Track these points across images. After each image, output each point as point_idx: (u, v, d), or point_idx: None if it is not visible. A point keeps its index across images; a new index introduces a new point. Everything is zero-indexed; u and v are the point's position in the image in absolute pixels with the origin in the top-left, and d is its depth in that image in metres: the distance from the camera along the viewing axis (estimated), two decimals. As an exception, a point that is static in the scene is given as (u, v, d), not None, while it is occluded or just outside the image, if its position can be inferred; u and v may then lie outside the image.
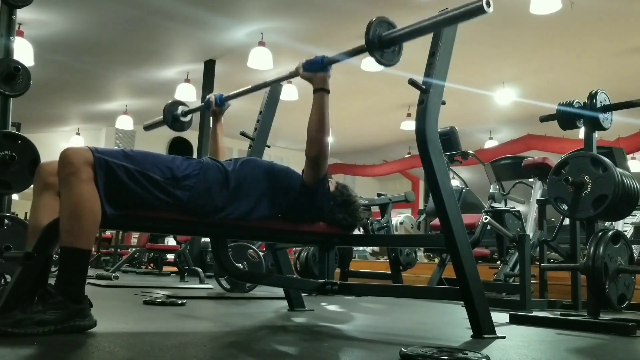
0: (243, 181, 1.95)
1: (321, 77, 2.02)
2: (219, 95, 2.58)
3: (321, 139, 2.01)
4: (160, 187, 1.74)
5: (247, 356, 1.43)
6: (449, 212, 1.85)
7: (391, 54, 1.87)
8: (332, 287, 2.36)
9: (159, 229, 2.47)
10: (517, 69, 7.82)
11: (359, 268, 5.47)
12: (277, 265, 2.67)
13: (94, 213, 1.59)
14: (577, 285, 3.14)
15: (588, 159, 2.41)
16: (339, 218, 2.21)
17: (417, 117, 1.89)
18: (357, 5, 6.02)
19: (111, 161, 1.65)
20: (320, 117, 2.00)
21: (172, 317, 2.22)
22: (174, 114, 2.85)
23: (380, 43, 1.81)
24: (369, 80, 7.83)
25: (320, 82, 2.02)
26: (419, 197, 11.61)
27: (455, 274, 1.86)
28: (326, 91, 2.02)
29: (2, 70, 2.87)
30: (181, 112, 2.86)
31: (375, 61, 1.84)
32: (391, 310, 3.24)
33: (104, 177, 1.62)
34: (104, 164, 1.63)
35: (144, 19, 6.42)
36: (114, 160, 1.66)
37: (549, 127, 5.18)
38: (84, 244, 1.58)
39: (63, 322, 1.51)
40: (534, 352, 1.68)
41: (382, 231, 4.49)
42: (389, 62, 1.86)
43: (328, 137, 2.03)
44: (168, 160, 1.82)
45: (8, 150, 2.77)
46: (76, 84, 8.79)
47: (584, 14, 6.05)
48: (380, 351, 1.62)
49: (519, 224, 3.87)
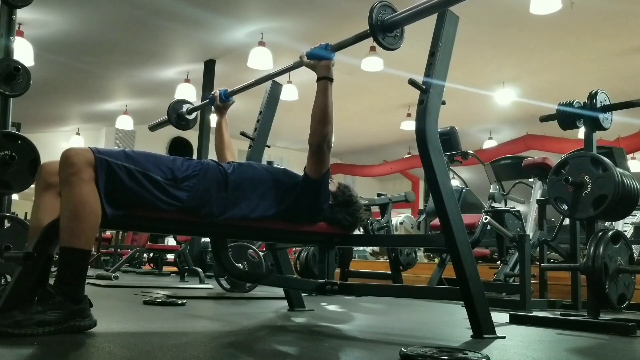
0: (242, 182, 1.96)
1: (325, 65, 2.01)
2: (223, 91, 2.59)
3: (324, 127, 1.99)
4: (160, 187, 1.74)
5: (247, 356, 1.43)
6: (449, 212, 1.85)
7: (393, 38, 1.91)
8: (332, 287, 2.36)
9: (159, 229, 2.48)
10: (517, 69, 7.82)
11: (359, 268, 5.47)
12: (277, 265, 2.67)
13: (94, 214, 1.59)
14: (577, 286, 3.14)
15: (588, 159, 2.41)
16: (339, 218, 2.21)
17: (417, 117, 1.89)
18: (357, 5, 6.00)
19: (112, 162, 1.65)
20: (324, 106, 1.98)
21: (172, 317, 2.22)
22: (178, 113, 2.86)
23: (383, 26, 1.85)
24: (369, 80, 7.83)
25: (324, 70, 2.01)
26: (419, 197, 11.62)
27: (455, 274, 1.86)
28: (330, 79, 2.00)
29: (2, 70, 2.87)
30: (186, 110, 2.87)
31: (378, 45, 1.88)
32: (391, 310, 3.24)
33: (105, 177, 1.62)
34: (105, 165, 1.63)
35: (144, 19, 6.42)
36: (115, 161, 1.66)
37: (548, 127, 5.18)
38: (84, 245, 1.58)
39: (63, 323, 1.51)
40: (534, 352, 1.68)
41: (382, 231, 4.50)
42: (391, 46, 1.90)
43: (331, 127, 2.02)
44: (169, 161, 1.82)
45: (8, 150, 2.77)
46: (76, 84, 8.79)
47: (584, 14, 6.05)
48: (380, 351, 1.62)
49: (519, 224, 3.87)
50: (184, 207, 1.80)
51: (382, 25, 1.85)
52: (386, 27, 1.86)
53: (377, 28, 1.85)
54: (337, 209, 2.20)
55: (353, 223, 2.26)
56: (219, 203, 1.88)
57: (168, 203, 1.76)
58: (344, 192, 2.24)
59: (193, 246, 7.29)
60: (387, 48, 1.89)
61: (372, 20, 1.84)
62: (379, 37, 1.86)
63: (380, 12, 1.86)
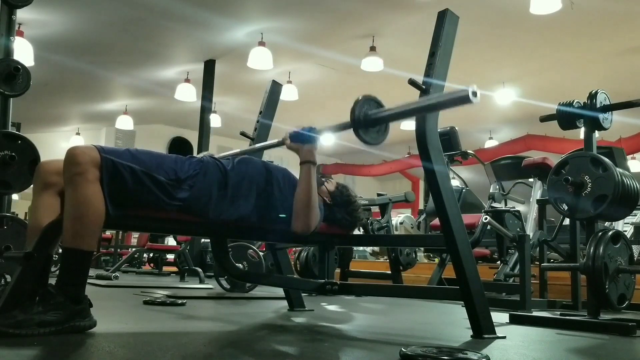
0: (241, 180, 1.96)
1: (308, 150, 2.00)
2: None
3: (310, 212, 1.98)
4: (163, 188, 1.73)
5: (247, 356, 1.43)
6: (449, 212, 1.85)
7: (376, 133, 1.86)
8: (332, 287, 2.36)
9: (160, 229, 2.47)
10: (517, 69, 7.82)
11: (358, 268, 5.46)
12: (277, 265, 2.67)
13: (98, 214, 1.58)
14: (577, 286, 3.14)
15: (588, 159, 2.41)
16: (338, 218, 2.21)
17: (417, 117, 1.88)
18: (357, 5, 6.02)
19: (118, 162, 1.64)
20: (307, 191, 1.97)
21: (172, 317, 2.22)
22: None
23: (366, 122, 1.81)
24: (369, 80, 7.82)
25: (307, 155, 2.00)
26: (419, 197, 11.61)
27: (455, 274, 1.86)
28: (313, 163, 1.99)
29: (2, 70, 2.87)
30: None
31: (360, 140, 1.83)
32: (391, 310, 3.24)
33: (110, 177, 1.61)
34: (111, 165, 1.62)
35: (144, 19, 6.42)
36: (120, 161, 1.65)
37: (549, 127, 5.17)
38: (87, 246, 1.57)
39: (63, 323, 1.50)
40: (534, 352, 1.68)
41: (382, 231, 4.50)
42: (373, 141, 1.85)
43: (316, 212, 2.00)
44: (172, 161, 1.81)
45: (8, 150, 2.77)
46: (76, 84, 8.79)
47: (584, 14, 6.05)
48: (380, 351, 1.62)
49: (519, 224, 3.87)
50: (185, 207, 1.80)
51: (365, 121, 1.80)
52: (369, 123, 1.81)
53: (360, 124, 1.80)
54: (335, 209, 2.20)
55: (352, 222, 2.26)
56: (219, 201, 1.88)
57: (169, 203, 1.76)
58: (342, 192, 2.24)
59: (193, 246, 7.29)
60: (368, 143, 1.84)
61: (354, 115, 1.79)
62: (361, 133, 1.81)
63: (365, 106, 1.81)
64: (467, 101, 1.55)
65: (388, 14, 6.17)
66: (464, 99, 1.57)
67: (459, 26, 1.95)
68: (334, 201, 2.20)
